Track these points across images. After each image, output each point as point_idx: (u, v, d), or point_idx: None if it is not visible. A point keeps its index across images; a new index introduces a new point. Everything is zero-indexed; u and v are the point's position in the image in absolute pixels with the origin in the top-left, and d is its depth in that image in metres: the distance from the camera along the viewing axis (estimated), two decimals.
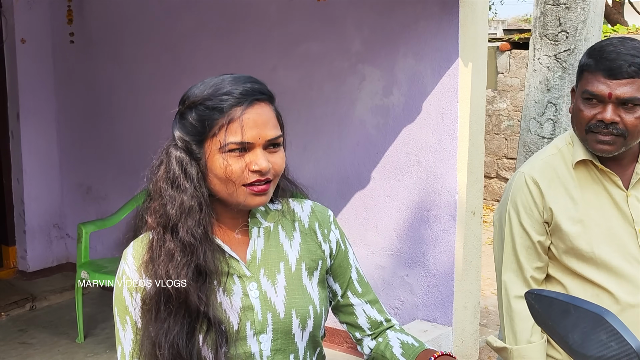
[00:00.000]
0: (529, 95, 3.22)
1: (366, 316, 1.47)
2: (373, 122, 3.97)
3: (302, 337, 1.35)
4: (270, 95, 1.33)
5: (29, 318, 4.85)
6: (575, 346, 0.93)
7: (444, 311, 3.78)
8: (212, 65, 4.60)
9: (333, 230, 1.45)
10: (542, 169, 1.75)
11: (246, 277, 1.33)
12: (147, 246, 1.31)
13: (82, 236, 4.39)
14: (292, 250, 1.39)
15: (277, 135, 1.30)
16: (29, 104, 5.45)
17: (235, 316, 1.29)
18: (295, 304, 1.34)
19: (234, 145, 1.25)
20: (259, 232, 1.38)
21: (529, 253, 1.76)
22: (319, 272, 1.41)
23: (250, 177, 1.27)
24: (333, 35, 4.07)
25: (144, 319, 1.28)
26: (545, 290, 0.98)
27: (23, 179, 5.48)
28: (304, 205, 1.46)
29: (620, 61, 1.62)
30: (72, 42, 5.33)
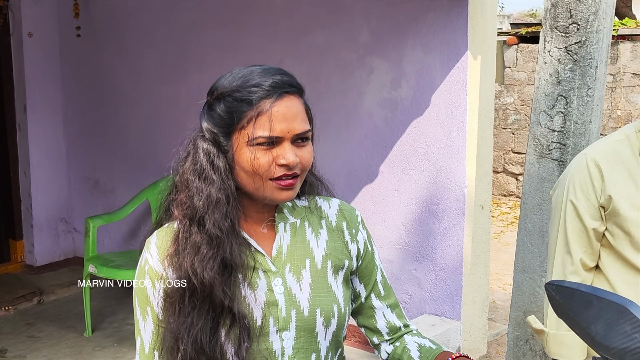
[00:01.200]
0: (539, 88, 3.20)
1: (386, 320, 1.45)
2: (381, 115, 3.95)
3: (325, 337, 1.32)
4: (300, 88, 1.30)
5: (37, 312, 4.86)
6: (598, 338, 0.91)
7: (452, 305, 3.77)
8: (219, 57, 4.59)
9: (361, 231, 1.43)
10: (606, 152, 1.71)
11: (271, 272, 1.31)
12: (173, 238, 1.28)
13: (89, 230, 4.39)
14: (318, 247, 1.36)
15: (306, 130, 1.27)
16: (36, 97, 5.45)
17: (259, 311, 1.27)
18: (320, 302, 1.32)
19: (263, 139, 1.23)
20: (285, 227, 1.36)
21: (580, 237, 1.72)
22: (344, 272, 1.38)
23: (277, 171, 1.24)
24: (340, 26, 4.04)
25: (166, 311, 1.26)
26: (566, 282, 0.96)
27: (30, 172, 5.48)
28: (331, 203, 1.44)
29: None
30: (79, 36, 5.32)
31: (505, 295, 5.07)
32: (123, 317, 4.58)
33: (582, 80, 3.05)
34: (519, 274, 3.00)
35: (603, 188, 1.68)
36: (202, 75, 4.67)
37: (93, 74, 5.47)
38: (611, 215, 1.68)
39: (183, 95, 4.84)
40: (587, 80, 3.03)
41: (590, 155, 1.72)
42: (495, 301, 4.96)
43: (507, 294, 5.04)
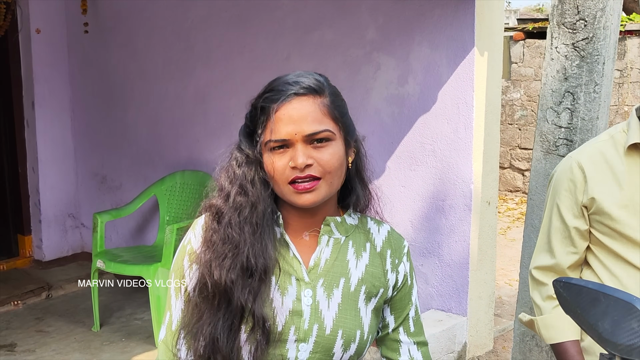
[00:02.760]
0: (546, 84, 3.20)
1: (409, 357, 1.42)
2: (388, 111, 3.96)
3: (342, 358, 1.30)
4: (317, 89, 1.27)
5: (45, 307, 4.89)
6: (605, 334, 0.92)
7: (458, 301, 3.78)
8: (226, 54, 4.61)
9: (404, 262, 1.41)
10: (591, 154, 1.77)
11: (304, 282, 1.30)
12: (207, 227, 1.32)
13: (97, 225, 4.41)
14: (356, 270, 1.34)
15: (319, 130, 1.24)
16: (44, 94, 5.48)
17: (282, 317, 1.27)
18: (344, 324, 1.30)
19: (273, 143, 1.24)
20: (328, 241, 1.34)
21: (563, 237, 1.78)
22: (377, 300, 1.36)
23: (290, 174, 1.24)
24: (347, 23, 4.05)
25: (195, 297, 1.29)
26: (573, 279, 0.97)
27: (38, 168, 5.51)
28: (381, 227, 1.42)
29: None
30: (87, 32, 5.34)
31: (512, 291, 5.08)
32: (131, 312, 4.60)
33: (589, 77, 3.05)
34: (526, 269, 3.01)
35: (585, 189, 1.73)
36: (209, 71, 4.69)
37: (101, 70, 5.49)
38: (596, 215, 1.73)
39: (190, 92, 4.85)
40: (594, 76, 3.03)
41: (575, 158, 1.78)
42: (502, 297, 4.97)
43: (513, 290, 5.05)
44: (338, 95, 1.33)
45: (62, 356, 4.05)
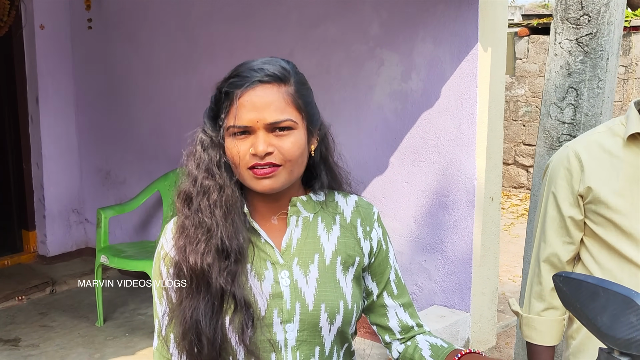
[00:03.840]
0: (550, 80, 3.19)
1: (398, 319, 1.43)
2: (391, 107, 3.95)
3: (330, 331, 1.32)
4: (282, 78, 1.27)
5: (49, 302, 4.91)
6: (604, 329, 0.92)
7: (461, 297, 3.78)
8: (229, 49, 4.61)
9: (376, 228, 1.41)
10: (588, 144, 1.76)
11: (279, 265, 1.31)
12: (178, 222, 1.33)
13: (101, 221, 4.42)
14: (328, 243, 1.36)
15: (281, 120, 1.25)
16: (48, 89, 5.49)
17: (263, 302, 1.28)
18: (325, 297, 1.31)
19: (234, 128, 1.26)
20: (297, 221, 1.36)
21: (559, 226, 1.78)
22: (355, 269, 1.37)
23: (250, 160, 1.25)
24: (351, 18, 4.05)
25: (177, 294, 1.30)
26: (573, 273, 0.97)
27: (42, 163, 5.52)
28: (348, 199, 1.42)
29: None
30: (90, 28, 5.35)
31: (515, 287, 5.07)
32: (134, 307, 4.62)
33: (593, 72, 3.04)
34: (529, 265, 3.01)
35: (582, 178, 1.73)
36: (213, 66, 4.69)
37: (104, 65, 5.50)
38: (592, 205, 1.72)
39: (194, 87, 4.86)
40: (598, 72, 3.02)
41: (571, 147, 1.78)
42: (505, 293, 4.97)
43: (516, 286, 5.04)
44: (304, 84, 1.33)
45: (66, 351, 4.06)
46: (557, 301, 1.77)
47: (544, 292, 1.81)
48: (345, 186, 1.43)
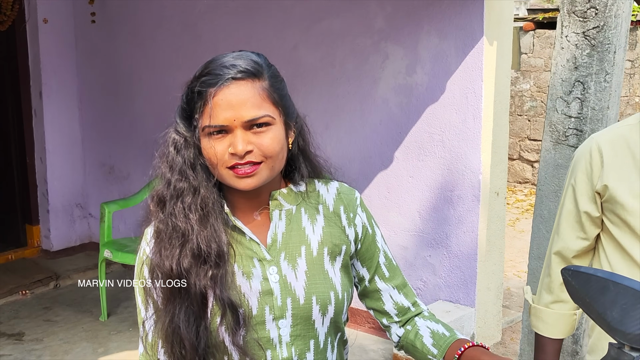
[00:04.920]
0: (556, 74, 3.16)
1: (393, 302, 1.42)
2: (396, 101, 3.93)
3: (323, 323, 1.31)
4: (255, 73, 1.24)
5: (53, 296, 4.91)
6: (614, 323, 0.90)
7: (466, 292, 3.76)
8: (233, 44, 4.58)
9: (359, 214, 1.39)
10: (613, 138, 1.69)
11: (266, 261, 1.29)
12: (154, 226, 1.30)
13: (105, 215, 4.41)
14: (314, 234, 1.34)
15: (258, 116, 1.21)
16: (51, 83, 5.48)
17: (254, 300, 1.26)
18: (315, 289, 1.30)
19: (210, 128, 1.22)
20: (280, 214, 1.33)
21: (575, 220, 1.74)
22: (342, 257, 1.35)
23: (229, 160, 1.22)
24: (355, 12, 4.02)
25: (160, 301, 1.27)
26: (582, 267, 0.95)
27: (46, 158, 5.52)
28: (329, 187, 1.40)
29: None
30: (94, 22, 5.34)
31: (520, 282, 5.05)
32: None
33: (600, 66, 3.01)
34: (534, 261, 2.99)
35: (601, 175, 1.66)
36: None
37: (108, 59, 5.48)
38: (608, 204, 1.66)
39: None
40: (605, 65, 3.00)
41: (596, 139, 1.70)
42: (510, 288, 4.95)
43: (521, 281, 5.03)
44: (277, 77, 1.29)
45: (70, 345, 4.06)
46: (565, 295, 1.74)
47: (552, 284, 1.79)
48: (325, 174, 1.41)
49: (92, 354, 3.95)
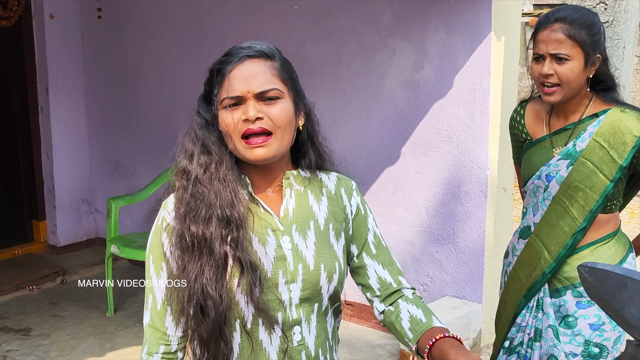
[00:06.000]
0: None
1: (377, 276, 1.54)
2: (403, 97, 3.92)
3: (328, 290, 1.44)
4: (268, 54, 1.40)
5: (60, 291, 4.92)
6: (632, 321, 0.90)
7: (473, 288, 3.75)
8: (240, 40, 4.51)
9: (355, 196, 1.55)
10: None
11: (280, 231, 1.43)
12: (177, 195, 1.43)
13: (111, 211, 4.42)
14: (320, 212, 1.48)
15: (269, 89, 1.37)
16: (58, 80, 5.48)
17: (269, 264, 1.39)
18: (323, 258, 1.44)
19: (228, 100, 1.37)
20: (291, 193, 1.48)
21: None
22: (344, 234, 1.50)
23: (242, 127, 1.36)
24: (362, 7, 4.01)
25: (180, 262, 1.38)
26: (599, 263, 0.94)
27: (53, 154, 5.52)
28: (330, 175, 1.56)
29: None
30: (100, 18, 5.33)
31: None
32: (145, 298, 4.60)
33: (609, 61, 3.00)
34: None
35: None
36: None
37: (114, 56, 5.48)
38: None
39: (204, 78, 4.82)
40: (614, 60, 2.98)
41: None
42: None
43: None
44: (289, 63, 1.46)
45: (77, 341, 4.07)
46: None
47: None
48: (329, 164, 1.55)
49: (99, 350, 3.96)
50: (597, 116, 2.15)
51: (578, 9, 2.18)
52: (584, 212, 2.13)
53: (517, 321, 2.30)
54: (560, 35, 2.07)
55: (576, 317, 2.17)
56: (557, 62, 2.08)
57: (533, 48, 2.18)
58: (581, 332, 2.16)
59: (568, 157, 2.16)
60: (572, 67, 2.07)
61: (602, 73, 2.18)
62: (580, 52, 2.08)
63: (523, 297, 2.26)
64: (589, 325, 2.15)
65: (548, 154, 2.22)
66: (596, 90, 2.19)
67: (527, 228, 2.33)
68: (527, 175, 2.29)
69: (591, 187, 2.12)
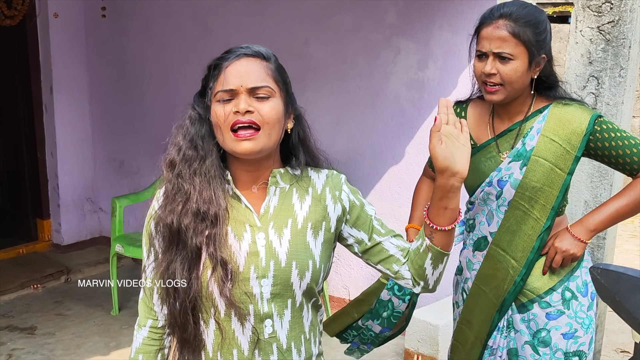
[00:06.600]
0: (570, 69, 3.15)
1: (395, 245, 1.57)
2: (408, 96, 3.92)
3: (300, 287, 1.48)
4: (265, 55, 1.48)
5: (65, 290, 4.93)
6: None
7: None
8: (244, 39, 4.56)
9: (344, 190, 1.57)
10: None
11: (256, 227, 1.49)
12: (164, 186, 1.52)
13: (116, 210, 4.42)
14: (301, 211, 1.52)
15: (261, 85, 1.44)
16: (62, 78, 5.48)
17: (241, 259, 1.45)
18: (296, 256, 1.47)
19: (222, 93, 1.44)
20: (275, 190, 1.53)
21: None
22: (324, 233, 1.53)
23: (232, 118, 1.42)
24: (367, 7, 4.01)
25: (161, 249, 1.48)
26: (612, 265, 0.94)
27: (57, 153, 5.52)
28: (320, 173, 1.59)
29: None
30: (104, 16, 5.33)
31: None
32: None
33: (615, 61, 3.00)
34: None
35: None
36: None
37: (118, 55, 5.48)
38: None
39: None
40: (619, 60, 2.98)
41: None
42: None
43: None
44: (283, 68, 1.52)
45: (82, 339, 4.08)
46: None
47: None
48: (321, 165, 1.60)
49: (104, 348, 3.97)
50: (540, 112, 2.09)
51: (524, 5, 2.07)
52: (546, 210, 2.07)
53: (488, 343, 2.19)
54: (504, 33, 2.00)
55: (548, 330, 2.10)
56: (500, 61, 2.01)
57: (476, 45, 2.11)
58: (558, 346, 2.10)
59: (519, 158, 2.09)
60: (516, 67, 2.01)
61: (547, 73, 2.11)
62: (525, 51, 2.00)
63: (497, 312, 2.16)
64: (562, 336, 2.10)
65: (496, 158, 2.14)
66: (538, 89, 2.12)
67: (482, 239, 2.23)
68: (475, 183, 2.18)
69: (550, 184, 2.05)
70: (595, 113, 2.08)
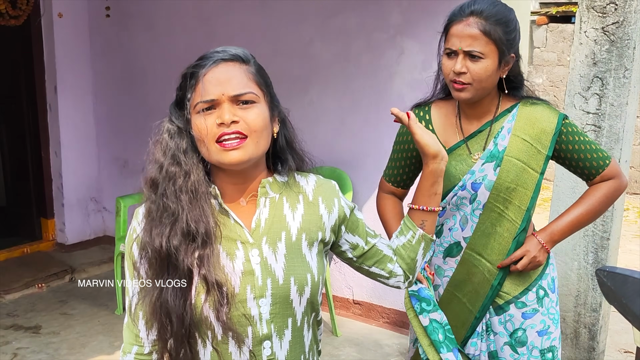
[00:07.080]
0: (574, 70, 3.15)
1: (385, 245, 1.57)
2: (412, 96, 3.91)
3: (300, 303, 1.41)
4: (243, 58, 1.38)
5: (69, 289, 4.94)
6: None
7: None
8: (248, 39, 4.58)
9: (338, 198, 1.52)
10: None
11: (249, 244, 1.40)
12: (145, 206, 1.40)
13: (120, 209, 4.44)
14: (294, 221, 1.44)
15: (244, 92, 1.35)
16: (66, 78, 5.49)
17: (236, 279, 1.36)
18: (294, 271, 1.40)
19: (202, 104, 1.34)
20: (265, 202, 1.44)
21: None
22: (318, 244, 1.47)
23: (217, 131, 1.32)
24: (371, 6, 4.01)
25: (147, 275, 1.37)
26: (618, 268, 0.95)
27: (61, 152, 5.54)
28: (308, 179, 1.52)
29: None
30: (108, 16, 5.34)
31: None
32: None
33: (619, 62, 3.00)
34: None
35: None
36: None
37: (122, 54, 5.49)
38: None
39: None
40: (624, 61, 2.98)
41: None
42: None
43: None
44: (263, 70, 1.43)
45: (87, 339, 4.09)
46: None
47: None
48: (308, 167, 1.53)
49: (109, 347, 3.98)
50: (509, 112, 2.08)
51: (495, 3, 2.02)
52: (521, 212, 2.05)
53: (469, 352, 2.15)
54: (474, 31, 1.97)
55: (524, 329, 2.10)
56: (471, 60, 1.98)
57: (445, 42, 2.07)
58: (534, 344, 2.11)
59: (493, 159, 2.06)
60: (486, 66, 1.97)
61: (515, 73, 2.09)
62: (495, 50, 1.97)
63: (475, 318, 2.12)
64: (537, 334, 2.11)
65: (467, 161, 2.10)
66: (504, 88, 2.10)
67: (454, 245, 2.16)
68: (446, 187, 2.11)
69: (524, 184, 2.04)
70: (562, 114, 2.08)
